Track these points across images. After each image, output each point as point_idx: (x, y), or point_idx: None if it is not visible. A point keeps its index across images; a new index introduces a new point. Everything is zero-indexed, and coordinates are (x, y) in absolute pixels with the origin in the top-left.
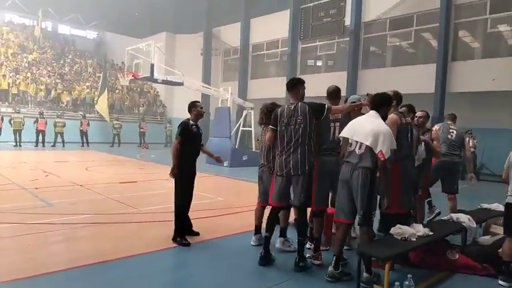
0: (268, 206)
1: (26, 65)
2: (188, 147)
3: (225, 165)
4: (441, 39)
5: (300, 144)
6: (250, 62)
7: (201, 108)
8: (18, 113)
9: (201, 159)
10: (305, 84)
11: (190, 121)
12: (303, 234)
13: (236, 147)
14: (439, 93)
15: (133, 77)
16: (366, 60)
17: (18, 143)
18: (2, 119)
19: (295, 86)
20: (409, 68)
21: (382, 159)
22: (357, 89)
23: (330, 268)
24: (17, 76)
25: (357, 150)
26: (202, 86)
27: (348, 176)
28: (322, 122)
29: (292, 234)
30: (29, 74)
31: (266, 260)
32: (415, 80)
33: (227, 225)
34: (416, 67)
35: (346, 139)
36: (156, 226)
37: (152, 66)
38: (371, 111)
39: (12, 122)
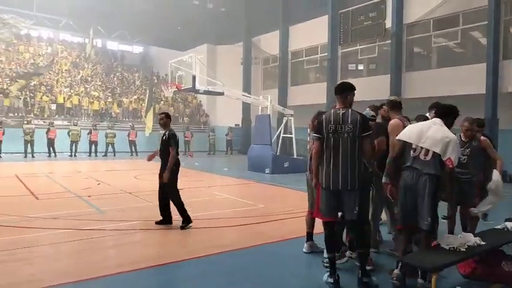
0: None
1: (79, 80)
2: None
3: (266, 172)
4: (491, 37)
5: (349, 155)
6: (289, 69)
7: (160, 119)
8: (76, 125)
9: (244, 167)
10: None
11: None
12: (363, 246)
13: (277, 154)
14: (491, 93)
15: (176, 89)
16: (409, 62)
17: (73, 154)
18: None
19: (343, 91)
20: (456, 69)
21: (451, 166)
22: (402, 92)
23: (396, 271)
24: (71, 91)
25: (422, 156)
26: (242, 95)
27: (412, 182)
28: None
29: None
30: (82, 89)
31: (338, 284)
32: (464, 81)
33: (268, 232)
34: (465, 67)
35: (405, 143)
36: (198, 232)
37: (194, 77)
38: (436, 118)
39: (70, 133)
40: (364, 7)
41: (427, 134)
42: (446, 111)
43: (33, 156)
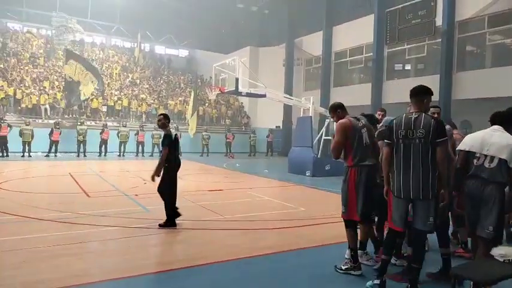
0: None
1: (128, 83)
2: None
3: (307, 174)
4: None
5: (421, 161)
6: (332, 70)
7: (158, 120)
8: (125, 127)
9: (285, 169)
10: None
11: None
12: (418, 262)
13: (318, 156)
14: None
15: (220, 91)
16: (461, 62)
17: (122, 153)
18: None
19: (418, 94)
20: None
21: None
22: (452, 93)
23: None
24: (121, 94)
25: (486, 164)
26: (284, 97)
27: (478, 191)
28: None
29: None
30: (130, 91)
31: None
32: None
33: (309, 236)
34: None
35: (467, 152)
36: (240, 234)
37: (237, 80)
38: (495, 126)
39: (119, 134)
40: (412, 5)
41: (491, 141)
42: (507, 118)
43: (85, 156)
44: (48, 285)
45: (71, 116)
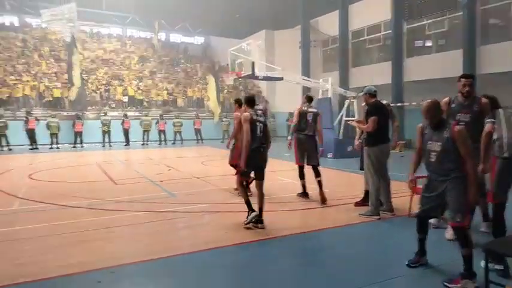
0: None
1: (147, 73)
2: None
3: (328, 156)
4: None
5: None
6: (350, 50)
7: None
8: (147, 116)
9: None
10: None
11: None
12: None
13: (340, 138)
14: None
15: (236, 76)
16: (485, 35)
17: (145, 142)
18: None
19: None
20: None
21: None
22: (476, 68)
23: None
24: (140, 84)
25: None
26: (302, 79)
27: None
28: None
29: None
30: (149, 81)
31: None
32: None
33: (335, 216)
34: None
35: None
36: (266, 216)
37: (253, 64)
38: None
39: (142, 124)
40: None
41: None
42: None
43: (110, 146)
44: (81, 268)
45: (94, 107)
